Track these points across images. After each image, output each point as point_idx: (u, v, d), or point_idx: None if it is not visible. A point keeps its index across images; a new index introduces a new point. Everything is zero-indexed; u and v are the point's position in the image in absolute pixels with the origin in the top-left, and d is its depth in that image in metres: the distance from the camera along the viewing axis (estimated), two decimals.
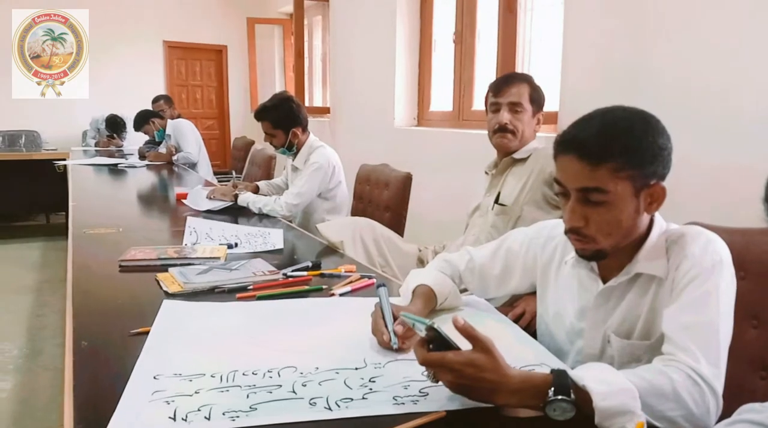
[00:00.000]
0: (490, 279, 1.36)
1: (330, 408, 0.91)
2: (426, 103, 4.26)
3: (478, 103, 3.69)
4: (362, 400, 0.93)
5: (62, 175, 5.37)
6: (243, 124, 7.34)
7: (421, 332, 0.94)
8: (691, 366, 0.92)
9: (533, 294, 1.34)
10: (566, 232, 1.10)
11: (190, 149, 4.79)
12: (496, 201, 1.95)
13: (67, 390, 0.95)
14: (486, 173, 2.07)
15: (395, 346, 1.07)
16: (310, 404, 0.92)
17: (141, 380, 0.98)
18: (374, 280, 1.58)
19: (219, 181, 4.00)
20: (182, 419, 0.86)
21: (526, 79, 1.98)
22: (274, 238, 1.97)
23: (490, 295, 1.40)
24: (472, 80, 3.73)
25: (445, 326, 0.93)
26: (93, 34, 6.58)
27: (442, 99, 4.10)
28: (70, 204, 2.78)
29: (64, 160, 5.22)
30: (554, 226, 1.28)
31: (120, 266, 1.68)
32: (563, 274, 1.23)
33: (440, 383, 0.91)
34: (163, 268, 1.63)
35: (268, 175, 3.90)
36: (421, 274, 1.36)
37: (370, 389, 0.97)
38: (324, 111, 5.75)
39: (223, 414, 0.88)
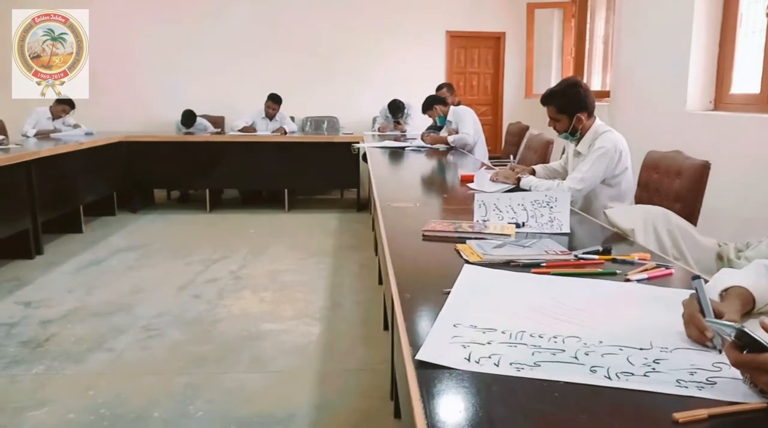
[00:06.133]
0: None
1: (610, 378, 0.95)
2: (726, 84, 3.85)
3: None
4: (643, 377, 0.95)
5: (354, 157, 6.10)
6: (516, 110, 7.43)
7: (729, 337, 0.92)
8: None
9: None
10: None
11: (467, 131, 5.03)
12: None
13: (402, 330, 1.14)
14: None
15: (720, 347, 1.01)
16: (591, 371, 0.97)
17: (444, 325, 1.15)
18: (672, 270, 1.54)
19: (494, 165, 4.15)
20: (475, 361, 1.00)
21: None
22: (561, 221, 2.01)
23: None
24: None
25: (757, 331, 0.89)
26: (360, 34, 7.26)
27: (746, 80, 3.67)
28: (373, 181, 3.17)
29: (358, 143, 5.89)
30: None
31: (423, 235, 1.89)
32: None
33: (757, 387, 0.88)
34: (461, 240, 1.80)
35: (544, 160, 3.92)
36: (735, 275, 1.26)
37: (653, 369, 0.98)
38: (603, 95, 5.53)
39: (510, 364, 0.99)
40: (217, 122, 7.09)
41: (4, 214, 4.30)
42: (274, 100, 6.58)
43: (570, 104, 2.79)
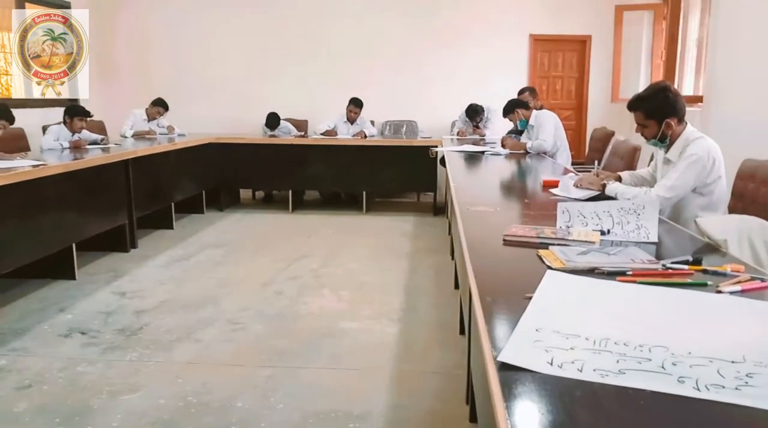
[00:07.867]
0: None
1: (699, 389, 0.92)
2: None
3: None
4: (735, 390, 0.92)
5: (432, 161, 6.11)
6: (601, 115, 7.21)
7: None
8: None
9: None
10: None
11: (545, 137, 4.93)
12: None
13: (483, 332, 1.15)
14: None
15: None
16: (679, 381, 0.95)
17: (526, 329, 1.15)
18: None
19: (578, 171, 4.05)
20: (558, 366, 1.00)
21: None
22: (648, 229, 1.96)
23: None
24: None
25: None
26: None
27: None
28: (452, 184, 3.18)
29: (437, 147, 5.90)
30: None
31: (504, 240, 1.89)
32: None
33: None
34: (543, 246, 1.79)
35: (631, 167, 3.80)
36: None
37: (746, 383, 0.95)
38: (695, 100, 5.29)
39: (594, 370, 0.98)
40: (301, 126, 7.29)
41: (104, 210, 4.61)
42: (356, 104, 6.70)
43: (658, 109, 2.69)
